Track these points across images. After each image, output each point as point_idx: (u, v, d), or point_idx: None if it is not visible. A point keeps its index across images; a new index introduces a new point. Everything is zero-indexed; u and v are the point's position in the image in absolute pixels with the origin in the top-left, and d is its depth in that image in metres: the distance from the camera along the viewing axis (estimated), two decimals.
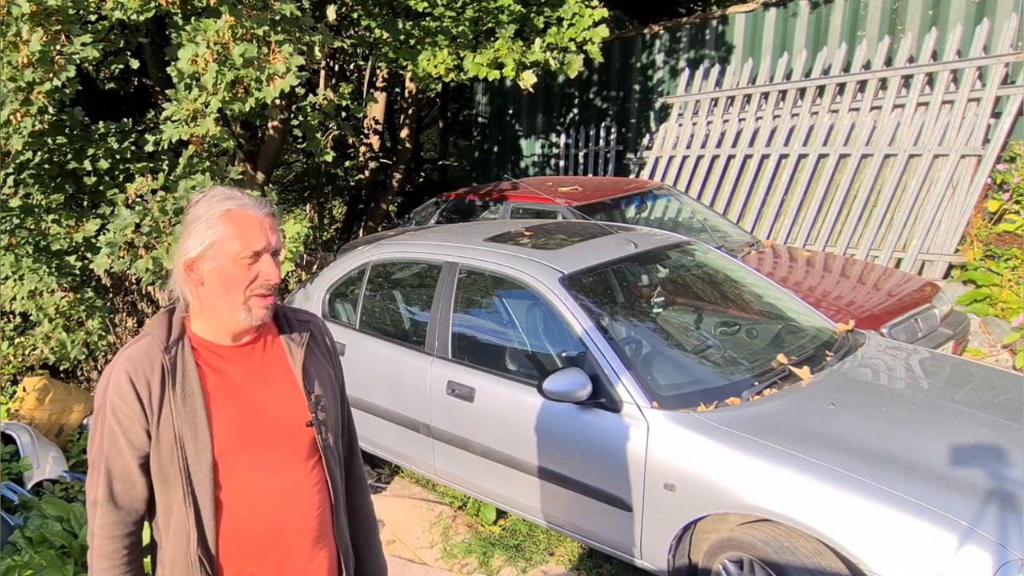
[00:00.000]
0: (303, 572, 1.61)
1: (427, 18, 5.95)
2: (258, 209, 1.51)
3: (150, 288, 5.95)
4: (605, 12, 5.74)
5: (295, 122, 6.21)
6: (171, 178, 4.12)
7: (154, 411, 1.48)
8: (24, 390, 4.87)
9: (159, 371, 1.50)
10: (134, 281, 5.96)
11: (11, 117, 3.76)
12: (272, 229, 1.52)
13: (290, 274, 6.33)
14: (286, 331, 1.65)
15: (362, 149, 10.74)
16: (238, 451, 1.52)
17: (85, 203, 4.62)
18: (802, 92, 7.47)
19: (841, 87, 7.17)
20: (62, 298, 4.34)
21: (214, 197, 1.52)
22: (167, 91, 3.99)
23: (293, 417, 1.58)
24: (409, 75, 8.42)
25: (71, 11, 3.80)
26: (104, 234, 3.93)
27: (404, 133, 9.92)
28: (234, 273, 1.49)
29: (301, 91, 6.03)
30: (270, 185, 6.11)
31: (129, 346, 1.55)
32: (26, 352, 5.00)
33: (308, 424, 1.59)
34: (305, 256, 6.98)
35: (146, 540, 1.59)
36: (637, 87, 9.36)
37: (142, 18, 4.00)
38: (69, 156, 4.35)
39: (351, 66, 10.58)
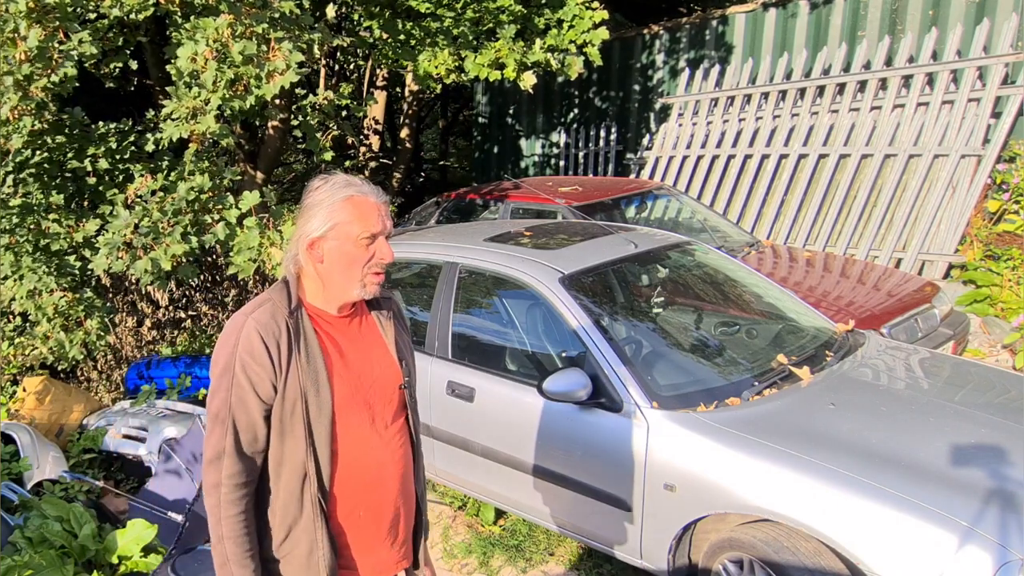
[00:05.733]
0: (396, 514, 1.81)
1: (428, 18, 5.94)
2: (376, 196, 1.69)
3: (150, 288, 5.94)
4: (605, 14, 5.74)
5: (295, 122, 6.20)
6: (170, 179, 4.12)
7: (282, 368, 1.63)
8: (24, 390, 4.86)
9: (286, 333, 1.65)
10: (134, 281, 5.95)
11: (9, 114, 3.75)
12: (387, 215, 1.71)
13: None
14: (375, 306, 1.85)
15: (362, 149, 10.74)
16: (350, 407, 1.71)
17: (85, 203, 4.61)
18: (802, 92, 7.46)
19: (841, 87, 7.17)
20: (61, 298, 4.33)
21: (336, 184, 1.68)
22: (167, 89, 3.99)
23: (389, 380, 1.80)
24: (409, 75, 8.41)
25: (69, 8, 3.80)
26: (104, 234, 3.92)
27: (404, 133, 9.92)
28: (353, 252, 1.67)
29: (301, 91, 6.02)
30: (270, 185, 6.10)
31: (251, 310, 1.66)
32: (25, 352, 4.99)
33: (401, 387, 1.81)
34: None
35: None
36: (637, 87, 9.36)
37: (141, 16, 4.00)
38: (69, 156, 4.35)
39: (351, 66, 10.58)
